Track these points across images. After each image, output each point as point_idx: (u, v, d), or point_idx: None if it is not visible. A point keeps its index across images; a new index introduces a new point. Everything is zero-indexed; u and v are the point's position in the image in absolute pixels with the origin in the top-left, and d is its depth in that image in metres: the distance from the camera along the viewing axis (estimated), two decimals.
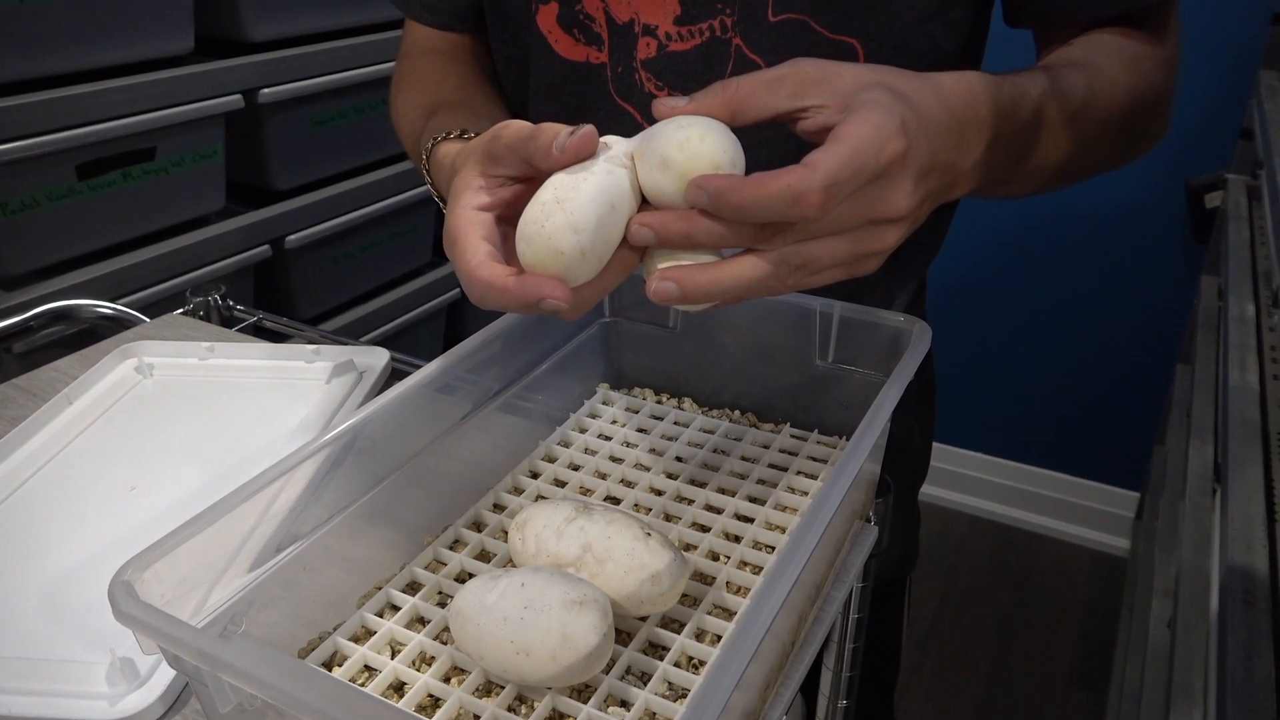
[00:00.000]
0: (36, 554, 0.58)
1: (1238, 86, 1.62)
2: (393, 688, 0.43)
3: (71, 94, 1.11)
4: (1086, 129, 0.56)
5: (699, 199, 0.39)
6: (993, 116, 0.47)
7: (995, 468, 2.11)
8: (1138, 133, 0.62)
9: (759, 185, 0.38)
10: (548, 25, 0.65)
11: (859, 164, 0.39)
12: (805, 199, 0.38)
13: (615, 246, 0.42)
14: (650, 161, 0.40)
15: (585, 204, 0.40)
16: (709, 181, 0.39)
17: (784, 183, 0.38)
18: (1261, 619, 0.65)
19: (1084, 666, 1.77)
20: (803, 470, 0.56)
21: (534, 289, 0.40)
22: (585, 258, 0.40)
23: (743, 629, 0.34)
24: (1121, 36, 0.60)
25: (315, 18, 1.40)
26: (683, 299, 0.41)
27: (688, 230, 0.40)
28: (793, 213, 0.38)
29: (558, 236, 0.40)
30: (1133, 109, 0.59)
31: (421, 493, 0.51)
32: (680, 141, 0.40)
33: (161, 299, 1.25)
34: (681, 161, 0.39)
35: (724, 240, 0.40)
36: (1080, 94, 0.55)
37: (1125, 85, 0.58)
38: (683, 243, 0.41)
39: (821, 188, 0.38)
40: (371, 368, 0.77)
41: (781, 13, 0.59)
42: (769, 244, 0.40)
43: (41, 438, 0.68)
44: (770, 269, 0.40)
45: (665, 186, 0.40)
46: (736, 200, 0.38)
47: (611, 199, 0.40)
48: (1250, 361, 1.02)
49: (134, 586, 0.36)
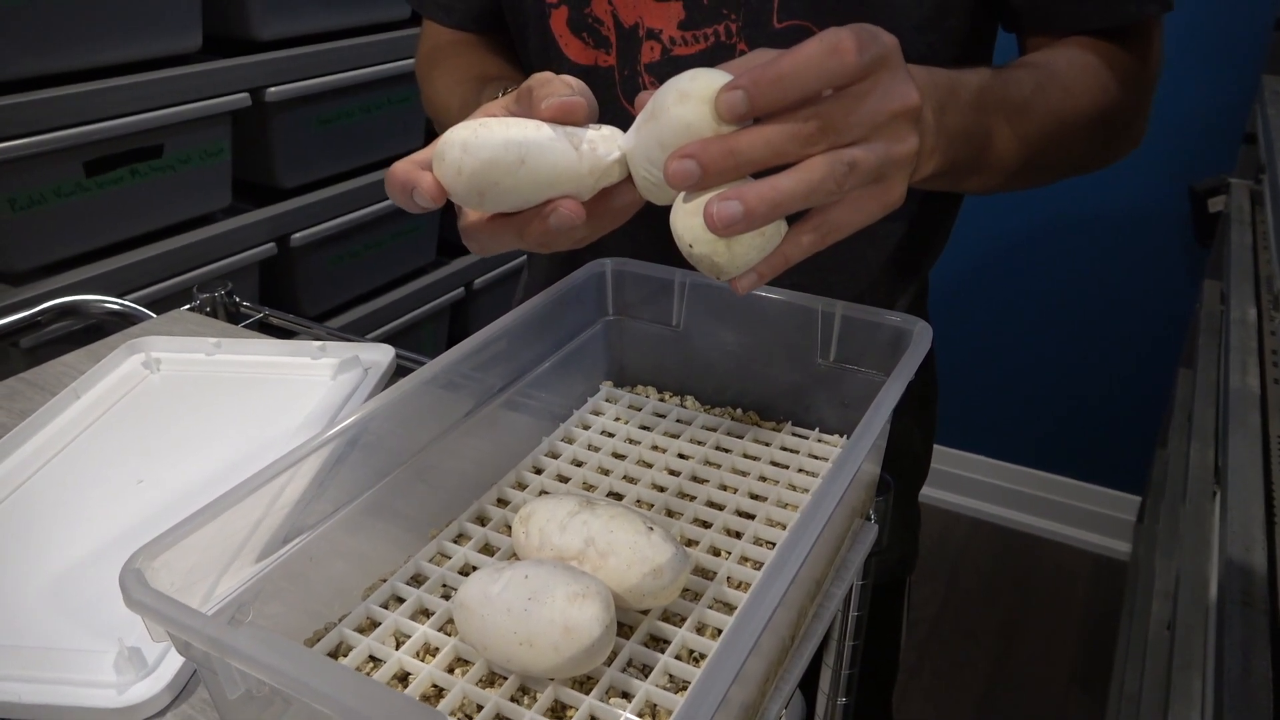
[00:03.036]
0: (45, 546, 0.58)
1: (1241, 91, 1.63)
2: (397, 678, 0.43)
3: (80, 91, 1.12)
4: (1036, 123, 0.57)
5: (732, 100, 0.38)
6: (931, 86, 0.48)
7: (996, 470, 2.11)
8: (1102, 139, 0.63)
9: (794, 53, 0.38)
10: (559, 28, 0.65)
11: (869, 31, 0.39)
12: (841, 46, 0.38)
13: (511, 202, 0.42)
14: (665, 104, 0.40)
15: (495, 139, 0.41)
16: (740, 77, 0.38)
17: (815, 40, 0.38)
18: (1260, 620, 0.65)
19: (1084, 669, 1.77)
20: (804, 468, 0.57)
21: (413, 178, 0.42)
22: (461, 177, 0.41)
23: (742, 622, 0.34)
24: (1086, 49, 0.61)
25: (322, 17, 1.41)
26: (748, 217, 0.39)
27: (729, 145, 0.39)
28: (834, 62, 0.38)
29: (449, 144, 0.41)
30: (1095, 114, 0.60)
31: (426, 487, 0.52)
32: (691, 75, 0.40)
33: (168, 295, 1.26)
34: (698, 89, 0.39)
35: (769, 146, 0.39)
36: (1027, 89, 0.56)
37: (1081, 90, 0.59)
38: (727, 161, 0.39)
39: (851, 34, 0.38)
40: (377, 364, 0.77)
41: (786, 19, 0.60)
42: (813, 142, 0.39)
43: (49, 431, 0.69)
44: (826, 167, 0.39)
45: (690, 117, 0.39)
46: (774, 73, 0.38)
47: (524, 154, 0.41)
48: (1251, 365, 1.02)
49: (144, 574, 0.36)
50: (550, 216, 0.43)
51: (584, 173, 0.43)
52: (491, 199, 0.42)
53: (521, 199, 0.43)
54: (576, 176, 0.43)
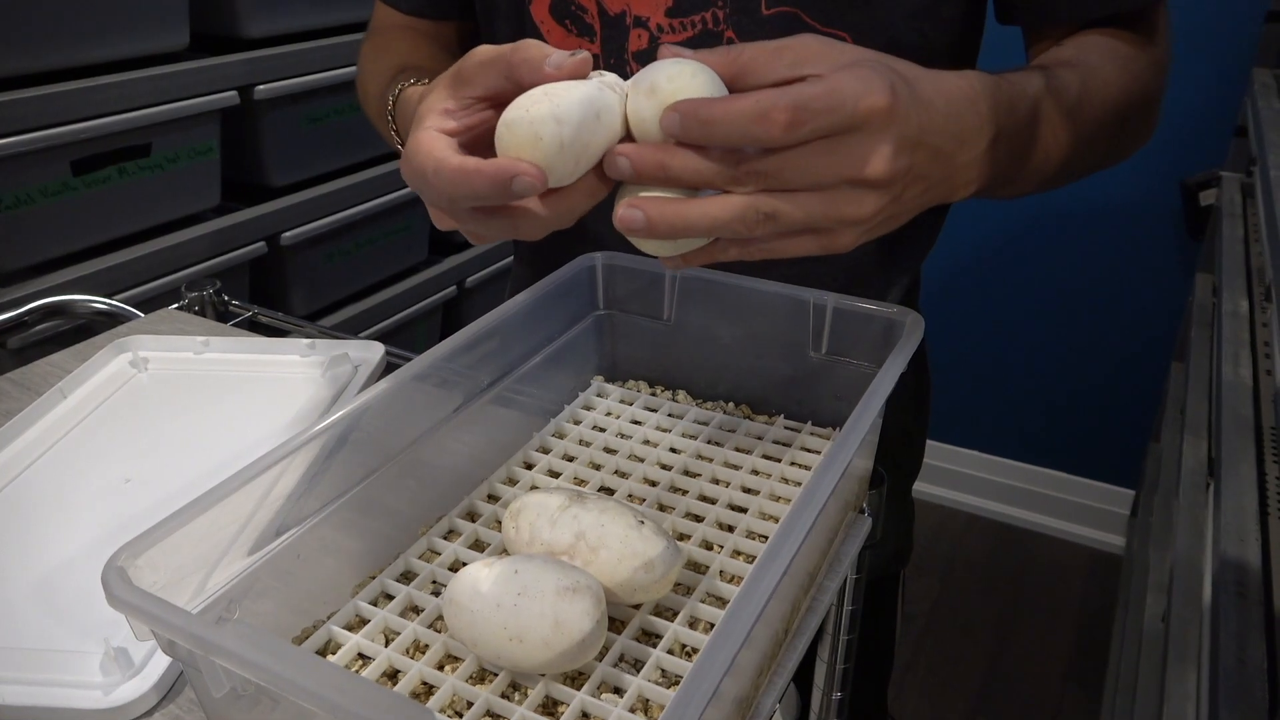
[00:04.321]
0: (31, 546, 0.58)
1: (1232, 84, 1.63)
2: (386, 675, 0.43)
3: (67, 90, 1.11)
4: (1083, 127, 0.56)
5: (671, 123, 0.39)
6: (992, 113, 0.46)
7: (991, 465, 2.12)
8: (1130, 132, 0.62)
9: (728, 102, 0.38)
10: (540, 15, 0.65)
11: (834, 101, 0.38)
12: (771, 115, 0.38)
13: (593, 161, 0.41)
14: (640, 88, 0.41)
15: (574, 102, 0.39)
16: (682, 104, 0.39)
17: (753, 99, 0.38)
18: (1254, 610, 0.65)
19: (1079, 663, 1.77)
20: (796, 461, 0.56)
21: (509, 166, 0.39)
22: (564, 151, 0.39)
23: (734, 614, 0.34)
24: (1111, 37, 0.60)
25: (310, 14, 1.40)
26: (648, 229, 0.40)
27: (663, 160, 0.40)
28: (758, 129, 0.38)
29: (540, 123, 0.39)
30: (1125, 108, 0.59)
31: (415, 483, 0.51)
32: (671, 73, 0.40)
33: (157, 295, 1.25)
34: (668, 92, 0.40)
35: (696, 174, 0.40)
36: (1075, 92, 0.55)
37: (1118, 85, 0.58)
38: (657, 174, 0.40)
39: (789, 106, 0.38)
40: (366, 361, 0.77)
41: (775, 6, 0.60)
42: (741, 184, 0.40)
43: (36, 431, 0.68)
44: (738, 210, 0.40)
45: (646, 114, 0.40)
46: (705, 115, 0.38)
47: (598, 109, 0.40)
48: (1244, 357, 1.02)
49: (127, 572, 0.36)
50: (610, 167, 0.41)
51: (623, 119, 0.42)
52: (585, 164, 0.41)
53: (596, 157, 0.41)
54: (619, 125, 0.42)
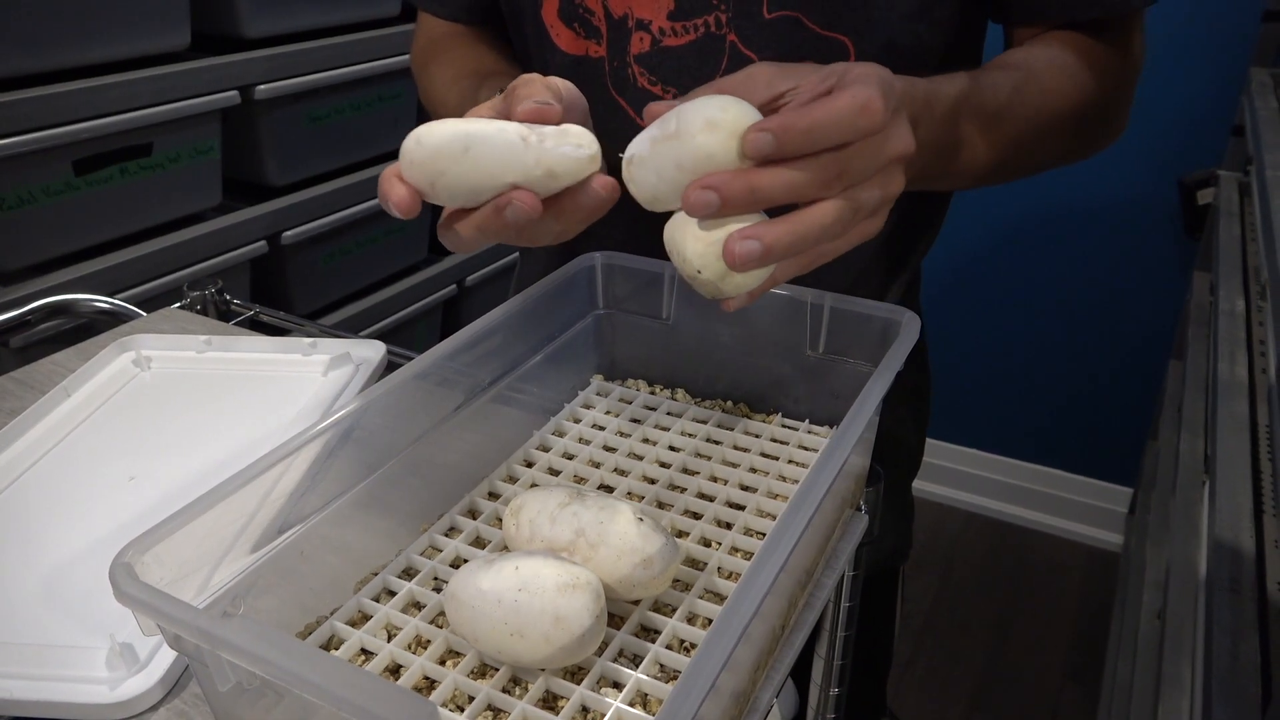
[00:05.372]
0: (36, 543, 0.58)
1: (1229, 83, 1.63)
2: (389, 670, 0.43)
3: (68, 90, 1.11)
4: (1010, 129, 0.58)
5: (763, 142, 0.39)
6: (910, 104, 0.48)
7: (989, 463, 2.12)
8: (1080, 136, 0.63)
9: (825, 104, 0.39)
10: (550, 19, 0.65)
11: (885, 87, 0.40)
12: (871, 105, 0.39)
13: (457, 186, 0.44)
14: (691, 128, 0.40)
15: (445, 129, 0.43)
16: (768, 121, 0.39)
17: (848, 94, 0.39)
18: (1247, 606, 0.66)
19: (1077, 661, 1.78)
20: (794, 459, 0.57)
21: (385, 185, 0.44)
22: (412, 166, 0.44)
23: (732, 608, 0.35)
24: (1073, 44, 0.62)
25: (311, 14, 1.40)
26: (766, 254, 0.40)
27: (750, 182, 0.40)
28: (863, 121, 0.39)
29: (406, 139, 0.44)
30: (1072, 114, 0.61)
31: (417, 481, 0.52)
32: (721, 104, 0.40)
33: (158, 295, 1.25)
34: (728, 120, 0.40)
35: (788, 187, 0.40)
36: (1003, 95, 0.57)
37: (1061, 90, 0.60)
38: (745, 198, 0.40)
39: (881, 95, 0.39)
40: (368, 360, 0.77)
41: (776, 10, 0.60)
42: (830, 187, 0.40)
43: (40, 429, 0.69)
44: (837, 212, 0.41)
45: (714, 148, 0.40)
46: (806, 123, 0.39)
47: (469, 144, 0.43)
48: (1240, 355, 1.03)
49: (134, 568, 0.37)
50: (506, 209, 0.44)
51: (530, 163, 0.44)
52: (442, 188, 0.44)
53: (469, 188, 0.44)
54: (522, 167, 0.44)
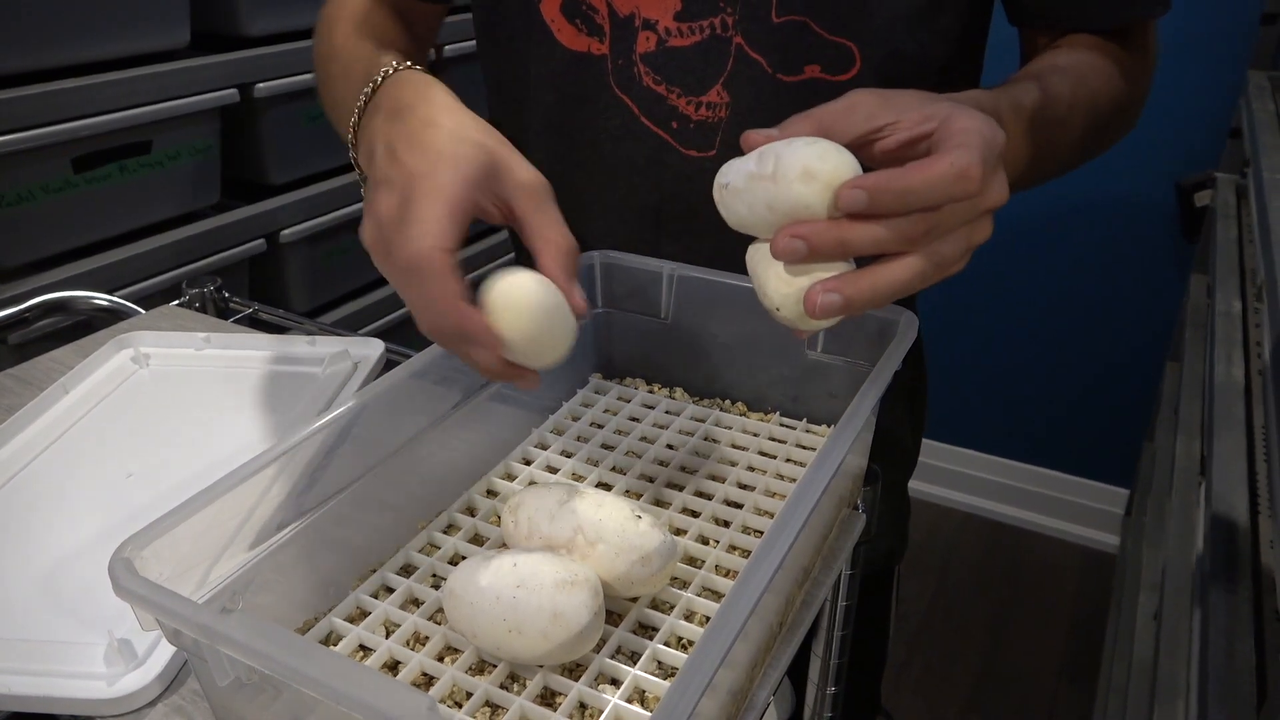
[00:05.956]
0: (34, 539, 0.58)
1: (1227, 86, 1.64)
2: (387, 667, 0.43)
3: (68, 87, 1.11)
4: (1069, 133, 0.59)
5: (856, 199, 0.39)
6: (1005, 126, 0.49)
7: (986, 464, 2.12)
8: (1111, 134, 0.65)
9: (923, 169, 0.39)
10: (551, 14, 0.65)
11: (988, 149, 0.41)
12: (969, 173, 0.39)
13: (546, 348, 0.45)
14: (789, 176, 0.41)
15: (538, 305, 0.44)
16: (864, 180, 0.40)
17: (946, 161, 0.39)
18: (1242, 607, 0.66)
19: (1073, 662, 1.78)
20: (792, 458, 0.57)
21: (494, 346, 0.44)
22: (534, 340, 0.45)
23: (730, 606, 0.35)
24: (1103, 46, 0.63)
25: (310, 12, 1.39)
26: (846, 307, 0.41)
27: (840, 236, 0.40)
28: (958, 189, 0.39)
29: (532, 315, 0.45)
30: (1108, 114, 0.63)
31: (415, 479, 0.52)
32: (820, 153, 0.41)
33: (157, 292, 1.25)
34: (826, 171, 0.40)
35: (875, 242, 0.41)
36: (1065, 102, 0.58)
37: (1104, 94, 0.61)
38: (834, 250, 0.41)
39: (981, 161, 0.39)
40: (366, 358, 0.77)
41: (785, 14, 0.60)
42: (916, 244, 0.41)
43: (38, 426, 0.69)
44: (920, 267, 0.41)
45: (810, 198, 0.40)
46: (902, 186, 0.39)
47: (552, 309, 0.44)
48: (1236, 356, 1.03)
49: (133, 564, 0.37)
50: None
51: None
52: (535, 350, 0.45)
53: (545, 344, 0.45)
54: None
